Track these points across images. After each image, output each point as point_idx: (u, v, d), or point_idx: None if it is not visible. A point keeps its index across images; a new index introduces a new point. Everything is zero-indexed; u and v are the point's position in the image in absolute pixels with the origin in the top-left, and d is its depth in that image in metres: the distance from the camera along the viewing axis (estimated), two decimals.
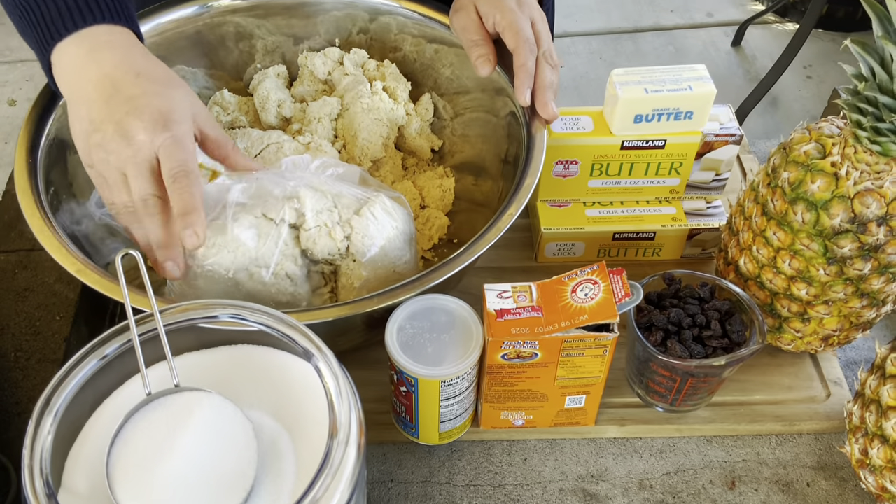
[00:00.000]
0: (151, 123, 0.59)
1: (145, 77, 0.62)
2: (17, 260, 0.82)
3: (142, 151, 0.60)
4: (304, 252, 0.69)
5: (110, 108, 0.60)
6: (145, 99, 0.60)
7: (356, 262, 0.69)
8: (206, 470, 0.51)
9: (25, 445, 0.49)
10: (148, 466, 0.51)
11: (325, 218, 0.68)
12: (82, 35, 0.63)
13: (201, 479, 0.51)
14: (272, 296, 0.68)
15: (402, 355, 0.65)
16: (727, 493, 0.73)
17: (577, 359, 0.67)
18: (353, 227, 0.68)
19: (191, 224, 0.60)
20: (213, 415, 0.53)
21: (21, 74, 1.61)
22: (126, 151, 0.60)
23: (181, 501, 0.50)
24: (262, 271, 0.67)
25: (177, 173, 0.60)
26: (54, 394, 0.51)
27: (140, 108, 0.60)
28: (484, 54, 0.76)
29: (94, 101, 0.61)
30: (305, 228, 0.68)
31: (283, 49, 0.95)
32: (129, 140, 0.59)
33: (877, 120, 0.62)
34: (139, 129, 0.59)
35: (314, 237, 0.68)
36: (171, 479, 0.50)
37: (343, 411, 0.52)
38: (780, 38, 1.85)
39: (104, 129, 0.60)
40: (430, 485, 0.73)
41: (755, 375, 0.79)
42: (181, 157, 0.60)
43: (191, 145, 0.62)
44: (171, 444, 0.52)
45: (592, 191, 0.87)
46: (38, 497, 0.47)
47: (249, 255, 0.66)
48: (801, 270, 0.69)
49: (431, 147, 0.93)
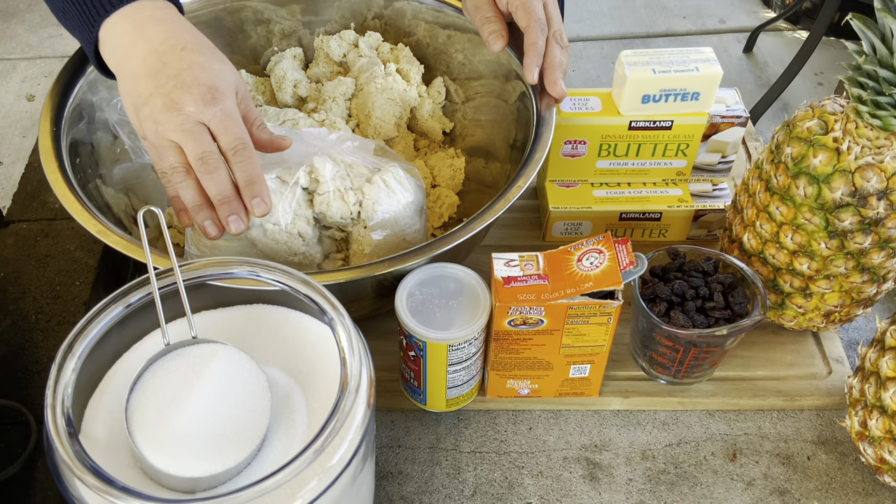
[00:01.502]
0: (200, 97, 0.61)
1: (191, 50, 0.64)
2: (38, 228, 0.84)
3: (191, 119, 0.61)
4: (316, 217, 0.71)
5: (158, 82, 0.62)
6: (191, 73, 0.62)
7: (367, 229, 0.71)
8: (221, 417, 0.53)
9: (48, 386, 0.51)
10: (166, 413, 0.52)
11: (338, 183, 0.70)
12: (126, 11, 0.65)
13: (217, 426, 0.53)
14: (285, 254, 0.70)
15: (411, 319, 0.67)
16: (728, 465, 0.74)
17: (581, 327, 0.69)
18: (365, 194, 0.71)
19: (258, 193, 0.63)
20: (228, 365, 0.55)
21: (40, 70, 1.63)
22: (176, 120, 0.61)
23: (198, 447, 0.51)
24: (277, 229, 0.69)
25: (236, 146, 0.62)
26: (77, 338, 0.53)
27: (187, 82, 0.61)
28: (496, 30, 0.78)
29: (142, 76, 0.63)
30: (319, 193, 0.70)
31: (299, 33, 0.97)
32: (178, 111, 0.61)
33: (877, 94, 0.64)
34: (188, 102, 0.61)
35: (328, 201, 0.70)
36: (188, 424, 0.52)
37: (354, 365, 0.54)
38: (791, 44, 1.86)
39: (153, 103, 0.62)
40: (436, 451, 0.75)
41: (758, 352, 0.81)
42: (236, 130, 0.62)
43: (239, 117, 0.63)
44: (188, 391, 0.53)
45: (600, 171, 0.89)
46: (60, 434, 0.49)
47: None
48: (803, 245, 0.71)
49: (443, 129, 0.95)
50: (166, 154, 0.63)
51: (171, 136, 0.62)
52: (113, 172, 0.80)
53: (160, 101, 0.62)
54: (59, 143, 0.74)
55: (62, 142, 0.74)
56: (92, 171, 0.77)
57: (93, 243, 0.84)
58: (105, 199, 0.77)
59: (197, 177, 0.63)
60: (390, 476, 0.73)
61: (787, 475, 0.74)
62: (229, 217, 0.63)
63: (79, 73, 0.79)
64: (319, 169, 0.70)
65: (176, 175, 0.63)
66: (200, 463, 0.51)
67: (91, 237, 0.67)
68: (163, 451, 0.51)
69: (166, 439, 0.51)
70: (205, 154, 0.62)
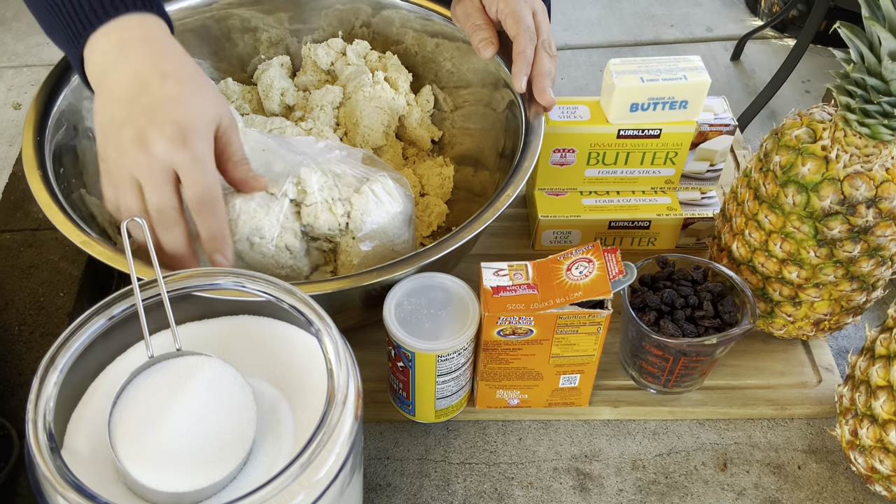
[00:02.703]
0: (170, 137, 0.58)
1: (172, 78, 0.61)
2: (22, 239, 0.83)
3: (158, 163, 0.59)
4: (304, 228, 0.71)
5: (132, 111, 0.59)
6: (167, 109, 0.59)
7: (355, 240, 0.71)
8: (206, 429, 0.52)
9: (30, 400, 0.50)
10: (149, 426, 0.52)
11: (326, 194, 0.69)
12: (111, 27, 0.62)
13: (202, 439, 0.52)
14: (272, 267, 0.69)
15: (399, 330, 0.66)
16: (719, 475, 0.74)
17: (571, 336, 0.68)
18: (353, 205, 0.70)
19: (219, 248, 0.62)
20: (213, 378, 0.54)
21: (27, 79, 1.62)
22: (143, 160, 0.59)
23: (182, 461, 0.51)
24: (264, 241, 0.68)
25: (201, 198, 0.60)
26: (59, 351, 0.52)
27: (161, 119, 0.59)
28: (486, 38, 0.78)
29: (119, 100, 0.60)
30: (307, 204, 0.69)
31: (286, 41, 0.97)
32: (146, 150, 0.58)
33: (865, 102, 0.64)
34: (157, 140, 0.58)
35: (315, 212, 0.69)
36: (172, 438, 0.51)
37: (342, 376, 0.53)
38: (778, 52, 1.88)
39: (122, 132, 0.59)
40: (425, 462, 0.74)
41: (747, 361, 0.80)
42: (204, 180, 0.60)
43: (210, 165, 0.61)
44: (172, 404, 0.53)
45: (589, 180, 0.89)
46: (42, 449, 0.48)
47: (251, 225, 0.67)
48: (792, 253, 0.71)
49: (431, 138, 0.95)
50: (124, 191, 0.60)
51: (134, 173, 0.59)
52: None
53: (129, 132, 0.59)
54: (42, 152, 0.73)
55: (46, 151, 0.73)
56: (76, 181, 0.76)
57: (77, 254, 0.83)
58: (89, 209, 0.76)
59: (151, 224, 0.61)
60: (379, 488, 0.72)
61: (778, 484, 0.73)
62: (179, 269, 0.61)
63: (63, 81, 0.78)
64: (307, 180, 0.69)
65: (127, 216, 0.61)
66: (185, 477, 0.50)
67: (75, 248, 0.66)
68: (146, 465, 0.50)
69: (150, 454, 0.51)
70: (163, 208, 0.60)
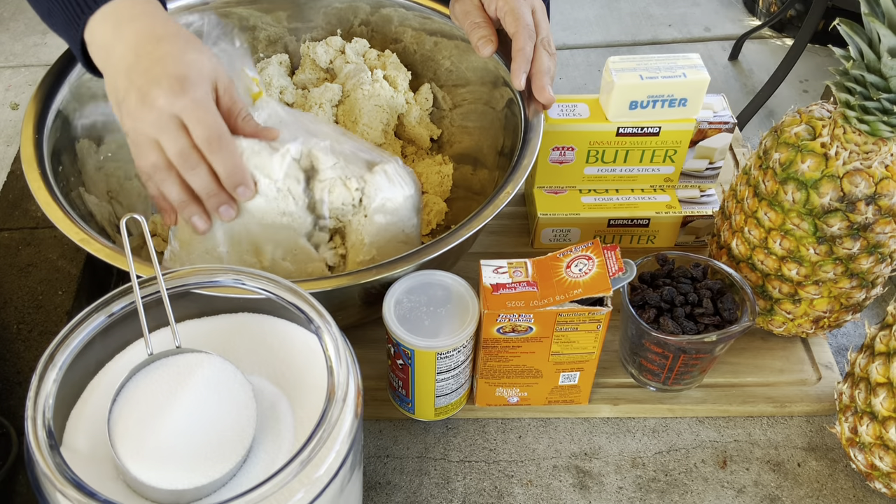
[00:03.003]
0: (169, 89, 0.61)
1: (166, 41, 0.64)
2: (20, 237, 0.83)
3: (164, 114, 0.61)
4: (316, 200, 0.71)
5: (131, 77, 0.62)
6: (162, 65, 0.62)
7: (367, 217, 0.70)
8: (205, 427, 0.52)
9: (29, 398, 0.50)
10: (149, 423, 0.52)
11: (339, 172, 0.70)
12: (107, 11, 0.65)
13: (201, 437, 0.52)
14: (274, 213, 0.69)
15: (399, 327, 0.66)
16: (718, 472, 0.74)
17: (571, 334, 0.68)
18: (367, 181, 0.70)
19: (240, 181, 0.64)
20: (213, 375, 0.54)
21: (24, 79, 1.63)
22: (150, 116, 0.62)
23: (181, 458, 0.51)
24: (268, 182, 0.68)
25: (209, 137, 0.62)
26: (58, 349, 0.52)
27: (158, 75, 0.62)
28: (485, 35, 0.77)
29: (120, 71, 0.63)
30: (320, 179, 0.69)
31: (285, 40, 0.97)
32: (150, 105, 0.61)
33: (864, 99, 0.64)
34: (158, 95, 0.61)
35: (329, 187, 0.69)
36: (172, 435, 0.51)
37: (342, 373, 0.53)
38: (776, 52, 1.88)
39: (129, 98, 0.62)
40: (425, 460, 0.74)
41: (747, 358, 0.80)
42: (208, 119, 0.62)
43: (212, 106, 0.63)
44: (171, 401, 0.53)
45: (588, 178, 0.89)
46: (41, 446, 0.48)
47: (254, 162, 0.67)
48: (791, 250, 0.71)
49: (430, 136, 0.95)
50: (146, 152, 0.63)
51: (148, 131, 0.62)
52: None
53: (134, 96, 0.62)
54: (41, 151, 0.72)
55: (44, 149, 0.73)
56: (75, 179, 0.76)
57: (75, 252, 0.82)
58: (88, 208, 0.76)
59: (179, 173, 0.63)
60: (378, 486, 0.72)
61: (778, 482, 0.73)
62: (220, 208, 0.65)
63: (61, 80, 0.78)
64: (319, 157, 0.69)
65: (158, 173, 0.64)
66: (184, 475, 0.50)
67: (74, 246, 0.66)
68: (146, 462, 0.50)
69: (149, 451, 0.50)
70: (182, 150, 0.62)
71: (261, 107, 0.74)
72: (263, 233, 0.70)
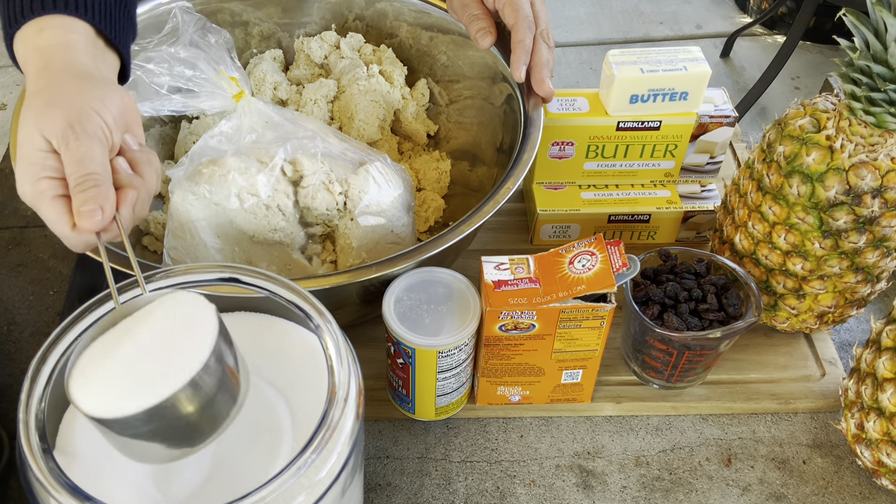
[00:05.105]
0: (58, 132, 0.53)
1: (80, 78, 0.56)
2: (10, 237, 0.81)
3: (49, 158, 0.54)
4: (301, 208, 0.69)
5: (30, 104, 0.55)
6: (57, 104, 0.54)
7: (353, 221, 0.69)
8: (156, 354, 0.48)
9: (21, 399, 0.49)
10: (99, 359, 0.48)
11: (322, 177, 0.68)
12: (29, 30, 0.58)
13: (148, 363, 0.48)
14: (264, 230, 0.68)
15: (399, 325, 0.65)
16: (723, 471, 0.73)
17: (574, 331, 0.67)
18: (350, 184, 0.69)
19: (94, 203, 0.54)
20: (173, 307, 0.50)
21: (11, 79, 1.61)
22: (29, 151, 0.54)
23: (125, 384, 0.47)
24: (256, 201, 0.66)
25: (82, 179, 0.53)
26: (51, 350, 0.51)
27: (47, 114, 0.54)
28: (484, 27, 0.76)
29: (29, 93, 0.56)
30: (303, 186, 0.68)
31: (278, 35, 0.95)
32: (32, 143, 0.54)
33: (871, 90, 0.63)
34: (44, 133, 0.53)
35: (312, 193, 0.68)
36: (118, 364, 0.48)
37: (342, 373, 0.52)
38: (768, 49, 1.88)
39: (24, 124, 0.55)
40: (425, 461, 0.73)
41: (750, 355, 0.79)
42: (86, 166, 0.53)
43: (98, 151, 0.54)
44: (125, 337, 0.49)
45: (588, 173, 0.87)
46: (34, 450, 0.47)
47: (241, 182, 0.66)
48: (796, 245, 0.70)
49: (427, 132, 0.93)
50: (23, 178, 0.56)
51: None
52: None
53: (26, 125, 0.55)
54: None
55: None
56: None
57: (66, 251, 0.81)
58: None
59: None
60: (378, 488, 0.71)
61: (784, 480, 0.72)
62: None
63: None
64: (302, 162, 0.68)
65: None
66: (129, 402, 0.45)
67: (64, 245, 0.64)
68: (89, 392, 0.46)
69: (98, 381, 0.47)
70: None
71: (243, 110, 0.73)
72: (255, 250, 0.69)
